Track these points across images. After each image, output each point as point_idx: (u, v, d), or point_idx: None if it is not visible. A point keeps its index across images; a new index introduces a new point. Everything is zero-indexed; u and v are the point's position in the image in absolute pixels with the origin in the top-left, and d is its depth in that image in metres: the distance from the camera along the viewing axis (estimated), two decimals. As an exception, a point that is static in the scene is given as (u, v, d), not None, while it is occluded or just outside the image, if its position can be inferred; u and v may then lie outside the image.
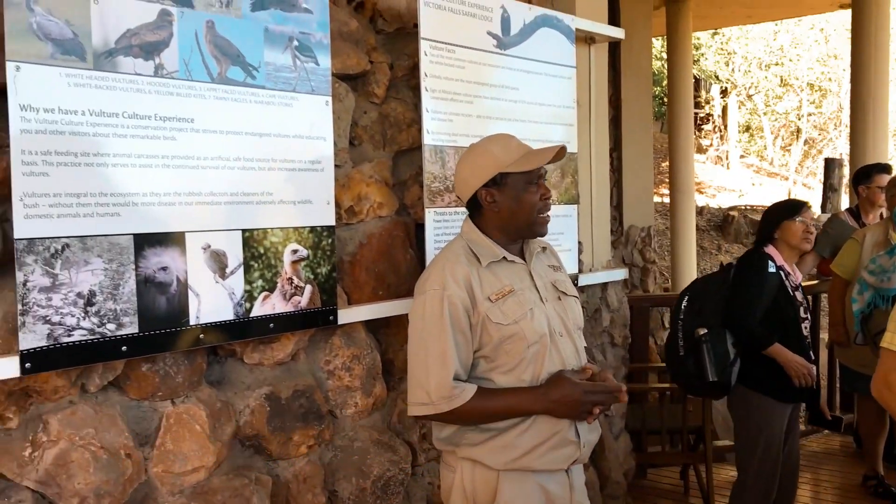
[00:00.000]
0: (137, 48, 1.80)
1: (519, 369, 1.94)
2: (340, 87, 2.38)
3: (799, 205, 3.26)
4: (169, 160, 1.87)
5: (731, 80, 18.50)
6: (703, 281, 3.36)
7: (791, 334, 3.12)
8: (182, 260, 1.90)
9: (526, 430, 1.94)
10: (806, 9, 9.81)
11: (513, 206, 1.98)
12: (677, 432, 4.28)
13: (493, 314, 1.92)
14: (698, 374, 3.08)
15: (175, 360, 1.98)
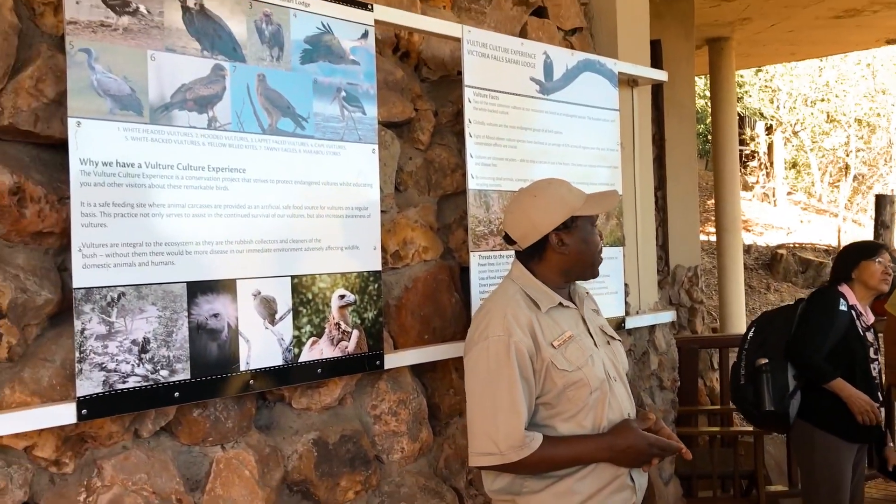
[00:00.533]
0: (192, 102, 1.87)
1: (580, 416, 1.94)
2: (386, 135, 2.43)
3: (878, 246, 3.29)
4: (221, 209, 1.92)
5: (776, 116, 18.33)
6: (771, 313, 3.39)
7: (858, 374, 3.07)
8: (233, 307, 1.94)
9: (586, 475, 1.94)
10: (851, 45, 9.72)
11: (581, 248, 2.02)
12: (729, 477, 4.19)
13: (558, 361, 1.92)
14: (756, 402, 3.09)
15: (225, 406, 2.01)
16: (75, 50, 1.69)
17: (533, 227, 2.00)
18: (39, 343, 1.76)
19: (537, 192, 2.04)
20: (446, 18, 2.64)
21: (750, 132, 18.74)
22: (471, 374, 1.96)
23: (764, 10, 7.23)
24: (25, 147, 1.77)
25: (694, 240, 7.27)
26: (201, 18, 1.89)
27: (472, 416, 1.94)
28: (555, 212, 1.99)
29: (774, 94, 18.05)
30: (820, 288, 3.29)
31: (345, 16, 2.20)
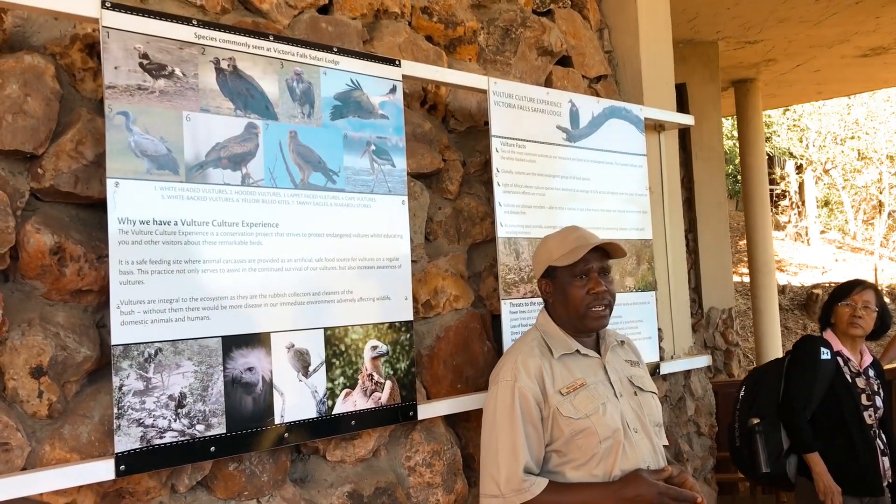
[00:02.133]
0: (226, 160, 1.91)
1: (591, 464, 1.93)
2: (416, 186, 2.46)
3: (850, 287, 3.18)
4: (255, 263, 1.95)
5: (805, 155, 18.21)
6: (761, 369, 3.33)
7: (851, 423, 2.98)
8: (267, 360, 1.95)
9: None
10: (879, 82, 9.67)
11: (563, 300, 2.05)
12: (772, 526, 4.08)
13: (564, 408, 1.93)
14: (752, 465, 3.03)
15: (260, 459, 2.02)
16: (114, 113, 1.75)
17: (534, 273, 2.13)
18: (79, 400, 1.78)
19: (543, 240, 2.15)
20: (472, 71, 2.69)
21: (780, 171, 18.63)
22: (483, 418, 2.01)
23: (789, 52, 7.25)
24: (66, 207, 1.82)
25: (727, 281, 7.20)
26: (234, 79, 1.95)
27: (482, 458, 1.99)
28: (539, 261, 2.11)
29: (803, 133, 17.96)
30: (803, 338, 3.22)
31: (373, 72, 2.25)
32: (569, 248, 2.02)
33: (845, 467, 2.98)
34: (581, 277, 2.02)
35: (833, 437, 3.00)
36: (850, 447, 2.99)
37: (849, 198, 18.58)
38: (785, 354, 3.27)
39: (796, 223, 18.50)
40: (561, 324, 2.07)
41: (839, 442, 3.00)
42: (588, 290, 2.01)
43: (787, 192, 18.75)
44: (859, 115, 17.41)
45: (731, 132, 14.36)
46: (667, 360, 3.22)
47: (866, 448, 2.99)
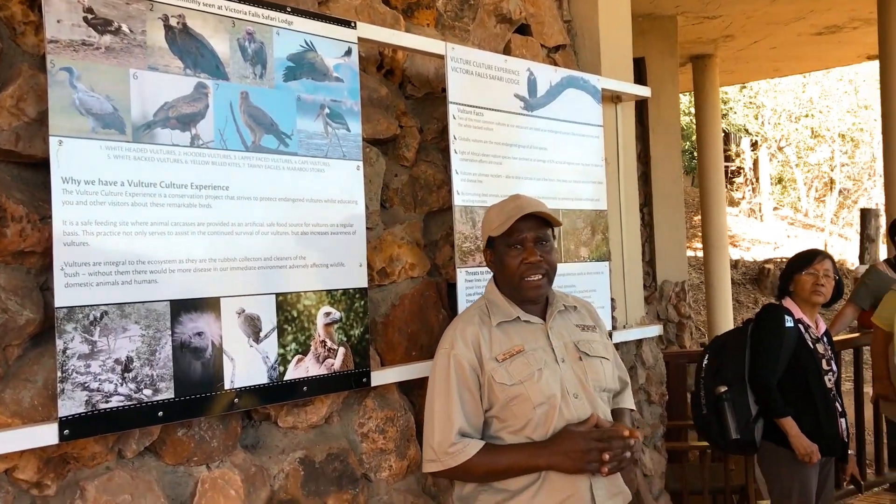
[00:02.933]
0: (174, 120, 1.86)
1: (527, 429, 1.95)
2: (371, 152, 2.43)
3: (811, 256, 3.26)
4: (205, 227, 1.92)
5: (761, 132, 18.48)
6: (723, 337, 3.38)
7: (814, 388, 3.07)
8: (217, 325, 1.93)
9: (537, 492, 1.94)
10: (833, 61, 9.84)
11: (501, 269, 2.06)
12: (720, 492, 4.18)
13: (498, 375, 1.95)
14: (721, 432, 3.08)
15: (210, 425, 2.00)
16: (56, 69, 1.69)
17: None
18: (21, 363, 1.74)
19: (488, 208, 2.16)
20: (430, 36, 2.66)
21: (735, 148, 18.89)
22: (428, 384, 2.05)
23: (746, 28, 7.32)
24: (6, 166, 1.76)
25: (681, 255, 7.31)
26: (184, 37, 1.90)
27: (424, 426, 2.03)
28: (483, 231, 2.13)
29: (759, 111, 18.22)
30: (766, 306, 3.29)
31: (328, 33, 2.21)
32: (504, 217, 2.02)
33: (810, 431, 3.06)
34: (516, 247, 2.02)
35: (798, 403, 3.08)
36: (814, 411, 3.07)
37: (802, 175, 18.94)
38: (745, 323, 3.32)
39: (750, 199, 18.81)
40: (505, 292, 2.09)
41: (804, 407, 3.08)
42: (522, 260, 2.01)
43: (741, 169, 19.03)
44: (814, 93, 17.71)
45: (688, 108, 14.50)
46: (619, 330, 3.26)
47: (828, 412, 3.08)
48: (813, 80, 17.55)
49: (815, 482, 3.12)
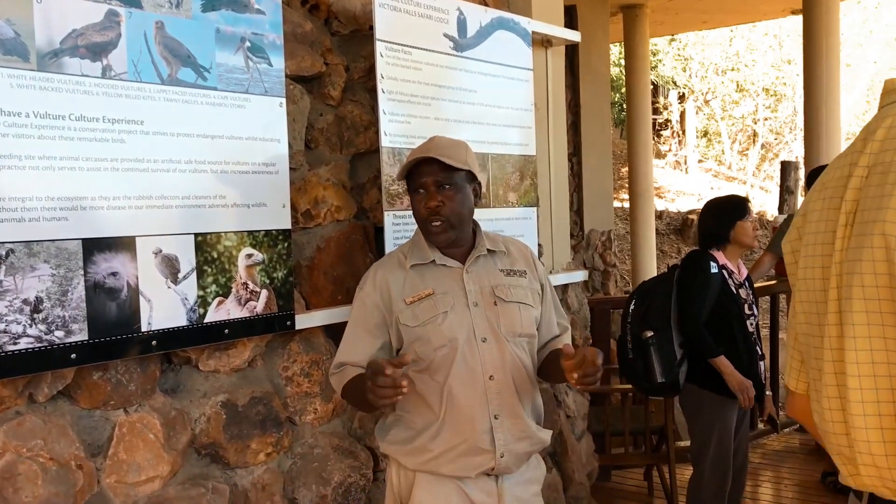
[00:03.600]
0: (84, 49, 1.76)
1: (430, 370, 1.98)
2: (295, 89, 2.36)
3: (746, 203, 3.33)
4: (118, 163, 1.83)
5: (688, 85, 18.76)
6: (649, 283, 3.42)
7: (737, 332, 3.17)
8: (133, 265, 1.86)
9: (436, 434, 1.97)
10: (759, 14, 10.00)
11: (412, 211, 2.05)
12: (640, 433, 4.30)
13: (404, 316, 1.98)
14: (647, 375, 3.15)
15: (127, 368, 1.94)
16: (-49, -11, 1.57)
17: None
18: (-80, 304, 1.65)
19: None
20: (357, -29, 2.57)
21: (663, 101, 19.15)
22: None
23: (677, -22, 7.35)
24: None
25: (608, 205, 7.40)
26: (93, -40, 1.79)
27: None
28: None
29: (687, 63, 18.45)
30: (691, 253, 3.35)
31: (249, -37, 2.11)
32: (408, 161, 2.00)
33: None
34: (419, 192, 2.00)
35: (722, 346, 3.16)
36: (737, 354, 3.16)
37: (726, 128, 19.34)
38: (670, 269, 3.37)
39: (676, 152, 19.16)
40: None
41: (727, 350, 3.16)
42: (424, 205, 1.99)
43: (669, 122, 19.33)
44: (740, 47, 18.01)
45: (618, 59, 14.58)
46: (546, 275, 3.28)
47: (749, 355, 3.18)
48: (740, 33, 17.84)
49: (734, 423, 3.23)
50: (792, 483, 4.54)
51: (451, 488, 1.99)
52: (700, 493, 3.23)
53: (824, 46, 6.94)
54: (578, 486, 3.37)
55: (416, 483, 2.00)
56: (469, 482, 1.99)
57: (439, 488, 1.99)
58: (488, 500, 2.01)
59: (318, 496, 2.33)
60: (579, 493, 3.39)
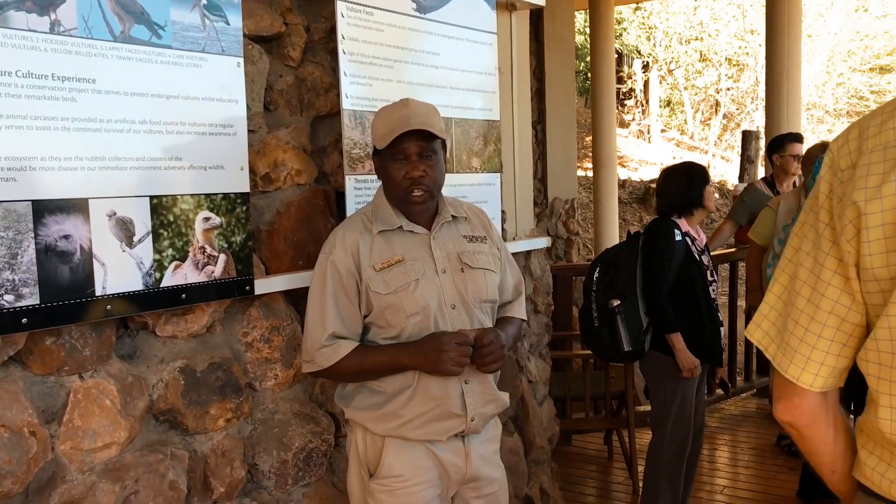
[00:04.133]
0: (30, 3, 1.69)
1: (402, 338, 1.99)
2: (254, 49, 2.30)
3: (706, 169, 3.36)
4: (69, 122, 1.78)
5: (652, 54, 18.79)
6: (613, 251, 3.42)
7: (701, 298, 3.20)
8: (86, 228, 1.81)
9: (409, 400, 1.99)
10: (723, -17, 10.00)
11: (386, 180, 2.03)
12: (601, 398, 4.36)
13: (374, 283, 1.96)
14: (613, 344, 3.17)
15: (82, 333, 1.90)
16: None
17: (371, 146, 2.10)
18: None
19: (377, 112, 2.09)
20: (317, -72, 2.51)
21: (627, 70, 19.17)
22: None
23: (642, -55, 7.31)
24: None
25: (571, 173, 7.41)
26: None
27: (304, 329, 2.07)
28: (372, 138, 2.07)
29: (651, 32, 18.47)
30: (655, 220, 3.36)
31: (205, -83, 2.04)
32: (388, 128, 1.97)
33: (696, 339, 3.19)
34: (400, 160, 1.97)
35: (686, 312, 3.19)
36: (700, 320, 3.20)
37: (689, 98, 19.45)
38: (632, 237, 3.38)
39: (640, 121, 19.24)
40: (391, 200, 2.06)
41: (691, 316, 3.20)
42: (405, 174, 1.97)
43: (633, 91, 19.38)
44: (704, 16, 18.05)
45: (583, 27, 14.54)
46: (509, 242, 3.28)
47: (711, 320, 3.22)
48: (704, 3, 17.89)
49: (695, 389, 3.28)
50: (748, 446, 4.64)
51: (420, 451, 2.03)
52: (660, 456, 3.29)
53: (787, 17, 6.97)
54: (539, 450, 3.40)
55: (386, 448, 2.02)
56: (439, 444, 2.03)
57: (409, 451, 2.02)
58: (456, 459, 2.06)
59: (279, 461, 2.32)
60: (540, 456, 3.42)
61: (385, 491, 2.02)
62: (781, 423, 1.27)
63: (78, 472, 1.89)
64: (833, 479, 1.29)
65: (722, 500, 3.91)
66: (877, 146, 1.12)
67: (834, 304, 1.15)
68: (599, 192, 8.67)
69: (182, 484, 2.07)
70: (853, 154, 1.15)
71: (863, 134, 1.15)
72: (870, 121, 1.16)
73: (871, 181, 1.10)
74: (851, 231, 1.11)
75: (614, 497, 4.12)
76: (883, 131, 1.12)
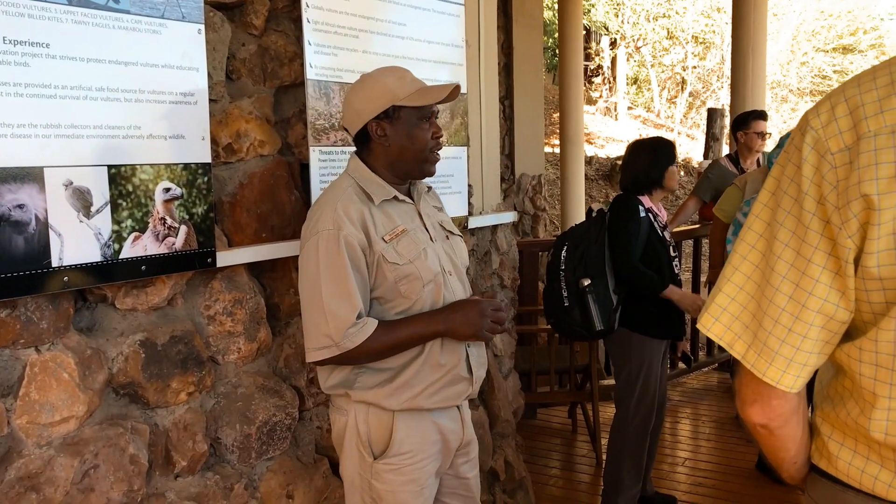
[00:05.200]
0: (-20, -38, 1.64)
1: (414, 309, 1.96)
2: (215, 17, 2.25)
3: (674, 148, 3.36)
4: (22, 88, 1.72)
5: (620, 31, 18.81)
6: (579, 230, 3.40)
7: (666, 274, 3.23)
8: (41, 197, 1.76)
9: (419, 370, 1.97)
10: (691, -39, 10.01)
11: (403, 142, 1.96)
12: (565, 372, 4.39)
13: (389, 254, 1.91)
14: (585, 324, 3.17)
15: (38, 305, 1.85)
16: None
17: (356, 113, 1.98)
18: None
19: (365, 77, 2.01)
20: None
21: (595, 47, 19.18)
22: (303, 271, 1.94)
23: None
24: None
25: (539, 150, 7.42)
26: None
27: (306, 313, 1.93)
28: (375, 99, 1.95)
29: (619, 9, 18.48)
30: (619, 197, 3.36)
31: None
32: (415, 88, 1.95)
33: (662, 314, 3.21)
34: (426, 119, 1.97)
35: None
36: None
37: (656, 76, 19.53)
38: (599, 213, 3.38)
39: (607, 98, 19.29)
40: (378, 169, 2.01)
41: None
42: (433, 135, 1.98)
43: (600, 68, 19.40)
44: (672, -7, 18.10)
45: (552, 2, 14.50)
46: (475, 216, 3.27)
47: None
48: (671, -20, 17.93)
49: (659, 364, 3.31)
50: (709, 419, 4.71)
51: (428, 423, 2.03)
52: (624, 431, 3.32)
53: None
54: (504, 424, 3.42)
55: (396, 424, 1.99)
56: (441, 414, 2.05)
57: (418, 424, 2.02)
58: (455, 426, 2.11)
59: (243, 435, 2.30)
60: (505, 430, 3.44)
61: (392, 470, 2.00)
62: (752, 425, 1.19)
63: (35, 446, 1.86)
64: (793, 469, 1.24)
65: (683, 473, 3.98)
66: (881, 129, 1.00)
67: (823, 302, 1.06)
68: (566, 168, 8.68)
69: (143, 458, 2.05)
70: (846, 135, 1.03)
71: (855, 112, 1.03)
72: (861, 96, 1.03)
73: (883, 171, 0.98)
74: (855, 225, 1.01)
75: (578, 469, 4.17)
76: (885, 111, 1.00)
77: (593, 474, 4.07)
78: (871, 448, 1.11)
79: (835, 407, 1.16)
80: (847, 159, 1.02)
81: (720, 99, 17.55)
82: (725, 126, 10.34)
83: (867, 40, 17.61)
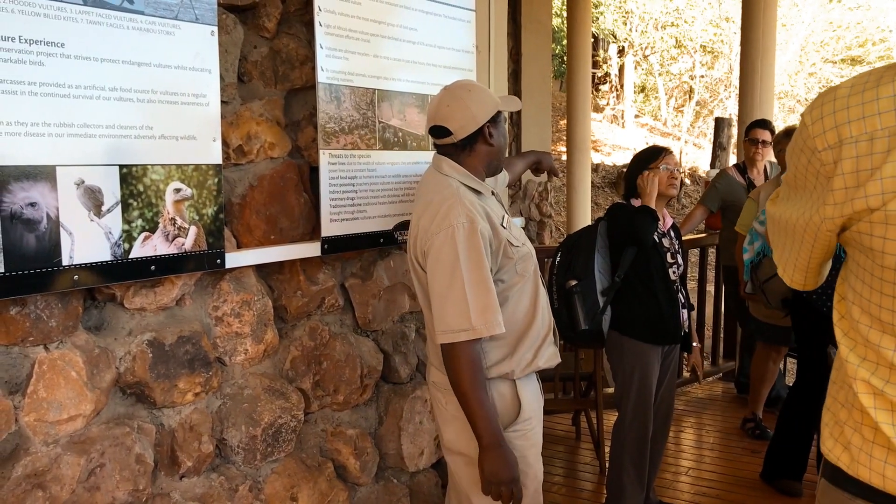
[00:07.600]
0: (-3, -38, 1.65)
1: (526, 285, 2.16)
2: (228, 19, 2.26)
3: (658, 152, 3.35)
4: (37, 87, 1.73)
5: (628, 39, 18.82)
6: (574, 236, 3.44)
7: (657, 280, 3.22)
8: (53, 196, 1.77)
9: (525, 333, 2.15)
10: (700, -30, 10.02)
11: (501, 142, 2.21)
12: (570, 380, 4.38)
13: (512, 239, 2.13)
14: (570, 323, 3.19)
15: (48, 304, 1.86)
16: None
17: (472, 117, 2.11)
18: None
19: (470, 87, 2.18)
20: None
21: (603, 54, 19.20)
22: (437, 262, 2.01)
23: (621, -72, 7.29)
24: None
25: (546, 156, 7.41)
26: None
27: (443, 299, 2.00)
28: (489, 104, 2.15)
29: (628, 17, 18.48)
30: (615, 204, 3.39)
31: None
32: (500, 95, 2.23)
33: (651, 318, 3.21)
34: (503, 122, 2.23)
35: (641, 291, 3.21)
36: (656, 300, 3.21)
37: (663, 84, 19.53)
38: (596, 222, 3.39)
39: (614, 106, 19.29)
40: (476, 168, 2.17)
41: (646, 296, 3.21)
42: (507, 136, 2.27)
43: (608, 76, 19.41)
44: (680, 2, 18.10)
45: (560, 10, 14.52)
46: (483, 221, 3.27)
47: (669, 301, 3.24)
48: (680, -11, 17.93)
49: (655, 369, 3.30)
50: (713, 429, 4.69)
51: (536, 386, 2.23)
52: (623, 436, 3.32)
53: (762, 5, 7.00)
54: (509, 430, 3.41)
55: (521, 391, 2.15)
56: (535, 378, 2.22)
57: (533, 388, 2.20)
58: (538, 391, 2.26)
59: (248, 436, 2.30)
60: (509, 436, 3.43)
61: (520, 436, 2.15)
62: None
63: (42, 444, 1.86)
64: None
65: (687, 482, 3.96)
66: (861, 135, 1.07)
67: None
68: (572, 175, 8.67)
69: (149, 457, 2.05)
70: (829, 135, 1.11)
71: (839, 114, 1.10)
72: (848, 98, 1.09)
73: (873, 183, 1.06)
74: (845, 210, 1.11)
75: (581, 477, 4.16)
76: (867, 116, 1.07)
77: (596, 482, 4.05)
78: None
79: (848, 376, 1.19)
80: (831, 158, 1.09)
81: (728, 108, 17.54)
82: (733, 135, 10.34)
83: (876, 52, 17.57)
